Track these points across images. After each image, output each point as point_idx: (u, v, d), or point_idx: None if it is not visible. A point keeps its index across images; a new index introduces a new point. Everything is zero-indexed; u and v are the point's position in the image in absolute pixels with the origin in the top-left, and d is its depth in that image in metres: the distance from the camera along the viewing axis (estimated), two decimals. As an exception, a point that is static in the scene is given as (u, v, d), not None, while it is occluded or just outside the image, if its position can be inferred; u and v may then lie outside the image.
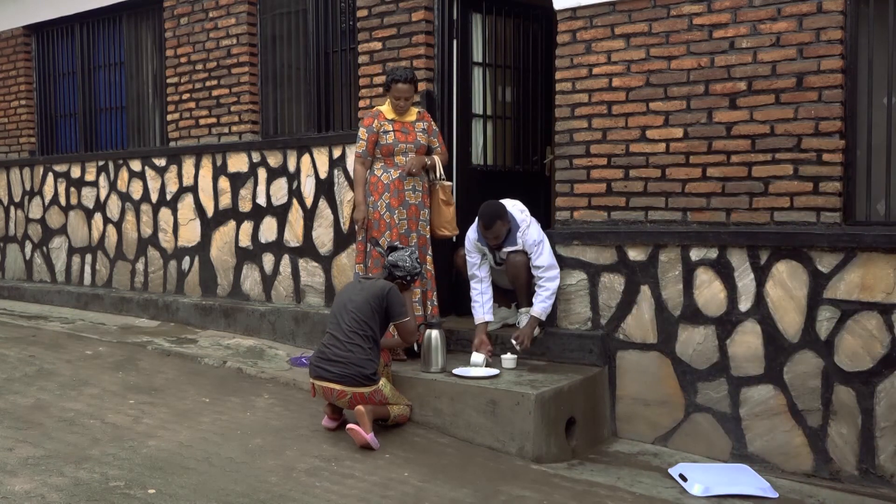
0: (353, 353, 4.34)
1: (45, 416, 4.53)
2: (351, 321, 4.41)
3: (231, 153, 6.91)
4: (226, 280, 6.99)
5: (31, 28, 8.65)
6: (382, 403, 4.45)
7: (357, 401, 4.35)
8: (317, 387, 4.46)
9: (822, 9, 4.29)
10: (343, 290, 4.71)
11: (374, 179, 5.24)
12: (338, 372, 4.33)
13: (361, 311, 4.43)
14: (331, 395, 4.40)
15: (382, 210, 5.19)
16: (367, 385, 4.34)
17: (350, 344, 4.36)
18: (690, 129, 4.69)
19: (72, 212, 8.29)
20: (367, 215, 5.24)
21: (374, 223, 5.20)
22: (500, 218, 5.00)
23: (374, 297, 4.47)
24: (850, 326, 4.22)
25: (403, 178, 5.22)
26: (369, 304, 4.44)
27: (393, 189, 5.19)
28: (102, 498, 3.46)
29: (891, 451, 4.15)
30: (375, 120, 5.24)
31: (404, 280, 4.70)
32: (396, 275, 4.67)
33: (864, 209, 4.33)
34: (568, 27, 5.09)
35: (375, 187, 5.23)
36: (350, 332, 4.38)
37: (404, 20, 5.78)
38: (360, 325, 4.39)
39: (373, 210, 5.21)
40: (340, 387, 4.33)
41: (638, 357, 4.87)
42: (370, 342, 4.40)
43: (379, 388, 4.39)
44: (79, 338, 6.49)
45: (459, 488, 3.89)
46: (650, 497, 4.04)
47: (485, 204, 5.10)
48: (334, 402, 4.44)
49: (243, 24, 6.80)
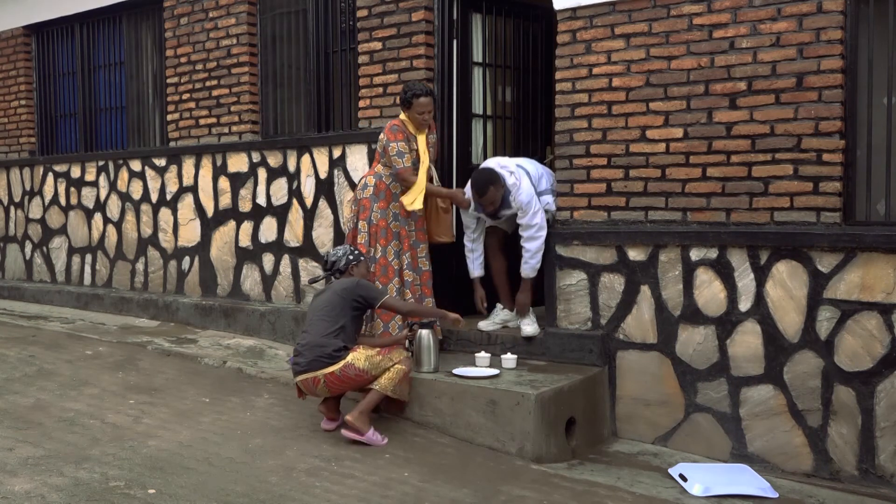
0: (315, 336, 4.41)
1: (45, 416, 4.53)
2: (319, 312, 4.51)
3: (231, 153, 6.91)
4: (226, 280, 6.99)
5: (31, 28, 8.65)
6: (361, 379, 4.40)
7: (333, 384, 4.37)
8: (299, 384, 4.49)
9: (822, 9, 4.29)
10: (314, 295, 4.80)
11: (383, 186, 5.18)
12: (304, 361, 4.39)
13: (330, 302, 4.53)
14: (310, 388, 4.43)
15: (390, 219, 5.14)
16: (333, 363, 4.35)
17: (315, 330, 4.45)
18: (690, 129, 4.69)
19: (72, 212, 8.29)
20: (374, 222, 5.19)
21: (381, 231, 5.12)
22: (493, 184, 5.04)
23: (342, 289, 4.57)
24: (850, 326, 4.22)
25: None
26: (338, 295, 4.53)
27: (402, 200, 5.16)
28: (102, 498, 3.46)
29: (891, 451, 4.15)
30: (405, 133, 5.12)
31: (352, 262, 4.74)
32: (341, 267, 4.72)
33: (864, 209, 4.33)
34: (568, 27, 5.09)
35: (384, 195, 5.17)
36: (317, 321, 4.48)
37: (404, 20, 5.78)
38: (326, 314, 4.48)
39: (380, 217, 5.15)
40: (312, 374, 4.37)
41: (638, 357, 4.87)
42: (335, 326, 4.44)
43: (349, 363, 4.37)
44: (79, 338, 6.49)
45: (459, 488, 3.89)
46: (650, 497, 4.04)
47: (476, 171, 5.18)
48: (317, 394, 4.47)
49: (243, 24, 6.80)
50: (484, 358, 4.92)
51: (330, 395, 4.50)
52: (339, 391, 4.47)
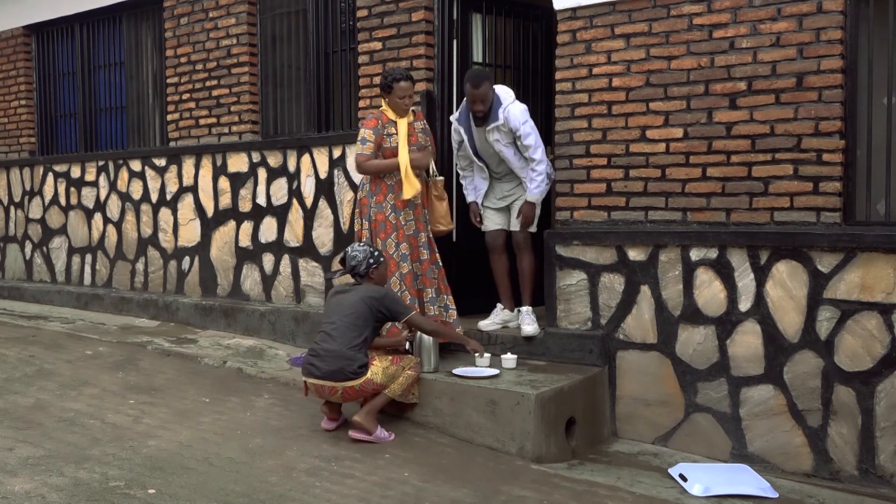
0: (342, 347, 4.37)
1: (45, 416, 4.53)
2: (344, 317, 4.45)
3: (231, 153, 6.91)
4: (226, 280, 6.99)
5: (31, 28, 8.65)
6: (376, 390, 4.45)
7: (349, 395, 4.40)
8: (309, 385, 4.48)
9: (822, 9, 4.29)
10: (334, 290, 4.73)
11: (378, 180, 5.18)
12: (326, 369, 4.36)
13: (357, 309, 4.46)
14: (323, 392, 4.43)
15: (388, 211, 5.12)
16: (356, 379, 4.36)
17: (340, 338, 4.40)
18: (690, 129, 4.69)
19: (72, 212, 8.29)
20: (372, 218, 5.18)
21: (381, 224, 5.10)
22: (489, 79, 5.16)
23: (370, 297, 4.50)
24: (850, 326, 4.22)
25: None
26: (365, 304, 4.48)
27: (397, 190, 5.09)
28: (102, 498, 3.46)
29: (891, 451, 4.15)
30: (379, 121, 5.11)
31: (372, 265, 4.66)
32: (362, 271, 4.65)
33: (864, 209, 4.33)
34: (568, 27, 5.09)
35: (380, 188, 5.14)
36: (343, 328, 4.42)
37: (404, 20, 5.78)
38: (352, 322, 4.43)
39: (378, 211, 5.12)
40: (331, 383, 4.37)
41: (638, 357, 4.87)
42: (360, 339, 4.42)
43: (369, 379, 4.40)
44: (79, 338, 6.49)
45: (459, 488, 3.89)
46: (650, 497, 4.04)
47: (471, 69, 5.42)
48: (328, 399, 4.47)
49: (243, 24, 6.80)
50: (484, 358, 4.92)
51: (341, 403, 4.55)
52: (353, 400, 4.51)
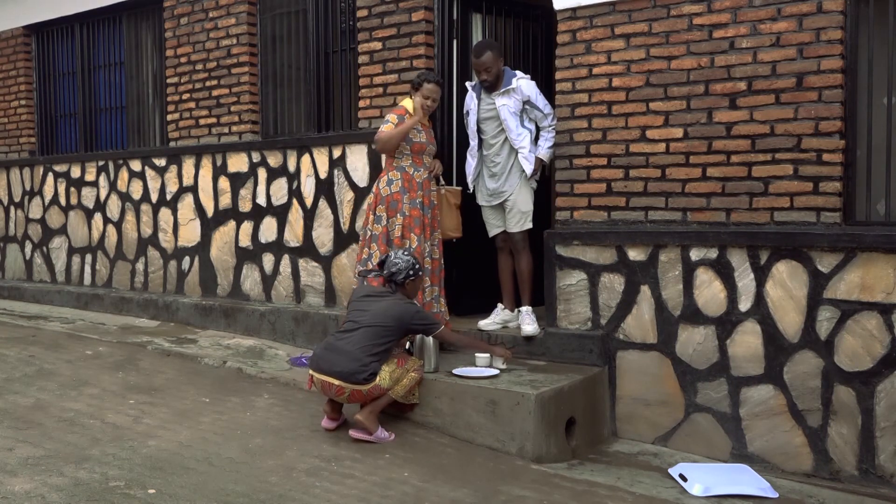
0: (359, 350, 4.36)
1: (45, 416, 4.53)
2: (370, 323, 4.43)
3: (231, 153, 6.91)
4: (226, 280, 6.99)
5: (31, 28, 8.65)
6: (381, 394, 4.45)
7: (355, 398, 4.40)
8: (315, 380, 4.48)
9: (822, 9, 4.29)
10: (365, 292, 4.69)
11: (408, 177, 5.20)
12: (338, 367, 4.36)
13: (385, 322, 4.44)
14: (329, 390, 4.43)
15: (419, 208, 5.19)
16: (365, 384, 4.36)
17: (360, 342, 4.39)
18: (690, 129, 4.69)
19: (72, 212, 8.29)
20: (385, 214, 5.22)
21: (416, 220, 5.13)
22: (492, 49, 5.23)
23: (400, 315, 4.48)
24: (850, 326, 4.22)
25: (431, 179, 5.31)
26: (394, 319, 4.46)
27: (426, 188, 5.24)
28: (102, 498, 3.46)
29: (891, 451, 4.15)
30: (406, 112, 5.20)
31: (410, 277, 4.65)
32: (399, 280, 4.64)
33: (864, 209, 4.33)
34: (568, 27, 5.09)
35: (412, 185, 5.19)
36: (366, 333, 4.41)
37: (404, 20, 5.78)
38: (376, 332, 4.41)
39: (412, 207, 5.15)
40: (340, 382, 4.36)
41: (638, 357, 4.87)
42: (380, 348, 4.41)
43: (377, 385, 4.40)
44: (79, 338, 6.49)
45: (459, 488, 3.89)
46: (650, 497, 4.04)
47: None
48: (332, 398, 4.47)
49: (243, 24, 6.80)
50: (483, 358, 4.91)
51: (346, 403, 4.54)
52: (357, 402, 4.49)
